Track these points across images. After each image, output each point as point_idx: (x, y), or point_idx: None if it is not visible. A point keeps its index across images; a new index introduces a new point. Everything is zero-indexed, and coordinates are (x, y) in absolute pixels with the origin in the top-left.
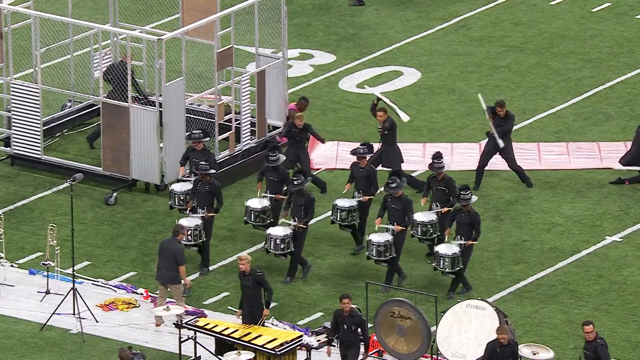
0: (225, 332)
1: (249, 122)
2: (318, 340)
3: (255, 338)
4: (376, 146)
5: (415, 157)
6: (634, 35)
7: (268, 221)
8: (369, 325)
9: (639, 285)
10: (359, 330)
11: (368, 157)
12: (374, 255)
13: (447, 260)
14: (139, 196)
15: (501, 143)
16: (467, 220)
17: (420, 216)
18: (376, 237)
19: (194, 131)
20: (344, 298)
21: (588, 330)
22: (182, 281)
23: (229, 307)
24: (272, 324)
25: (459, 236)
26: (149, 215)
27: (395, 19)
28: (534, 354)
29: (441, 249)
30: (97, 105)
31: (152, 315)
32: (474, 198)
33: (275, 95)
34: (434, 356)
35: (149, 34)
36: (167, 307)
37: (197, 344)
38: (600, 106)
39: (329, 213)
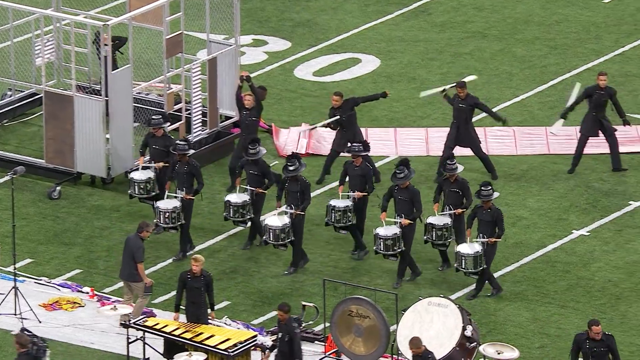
0: (176, 333)
1: (200, 112)
2: (273, 340)
3: (207, 338)
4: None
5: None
6: (601, 20)
7: (248, 216)
8: (327, 324)
9: (607, 281)
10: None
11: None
12: (382, 249)
13: (468, 259)
14: (84, 190)
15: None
16: (489, 217)
17: (433, 219)
18: (383, 231)
19: (153, 117)
20: (279, 310)
21: (597, 330)
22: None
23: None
24: (225, 323)
25: (480, 235)
26: (95, 210)
27: (353, 4)
28: (499, 353)
29: (463, 248)
30: (39, 94)
31: (98, 314)
32: (496, 194)
33: (228, 84)
34: (394, 356)
35: (94, 20)
36: (114, 306)
37: (145, 345)
38: (566, 94)
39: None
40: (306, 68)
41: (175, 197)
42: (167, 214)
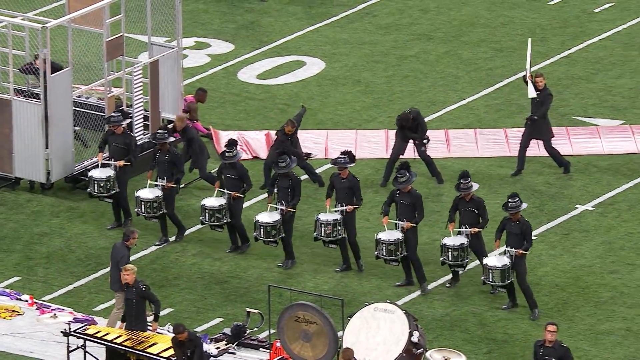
0: (118, 341)
1: (142, 116)
2: (217, 348)
3: (149, 346)
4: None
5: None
6: (546, 22)
7: (224, 220)
8: (273, 330)
9: (554, 285)
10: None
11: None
12: (384, 254)
13: (496, 272)
14: (23, 195)
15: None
16: (517, 229)
17: (449, 240)
18: (386, 235)
19: (112, 114)
20: (175, 330)
21: (551, 329)
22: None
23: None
24: (168, 331)
25: (508, 247)
26: (34, 216)
27: (297, 6)
28: (445, 359)
29: (491, 261)
30: None
31: (37, 323)
32: (524, 205)
33: (170, 87)
34: None
35: (32, 22)
36: (55, 314)
37: (87, 354)
38: (513, 97)
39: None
40: (250, 71)
41: (157, 185)
42: (149, 203)
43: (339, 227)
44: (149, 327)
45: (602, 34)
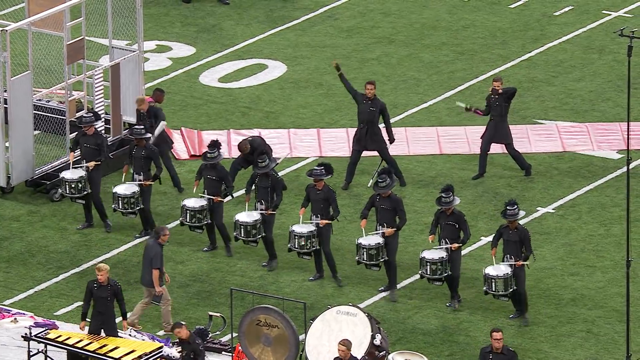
0: (79, 345)
1: (103, 119)
2: (179, 352)
3: (111, 350)
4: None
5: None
6: (507, 26)
7: (205, 221)
8: (235, 334)
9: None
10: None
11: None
12: (365, 259)
13: (499, 282)
14: None
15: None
16: (515, 237)
17: (428, 254)
18: (366, 240)
19: (84, 114)
20: (174, 327)
21: (497, 337)
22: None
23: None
24: (129, 334)
25: (507, 256)
26: None
27: (258, 9)
28: None
29: (490, 270)
30: None
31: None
32: (522, 213)
33: (132, 90)
34: None
35: None
36: (15, 318)
37: (48, 358)
38: (474, 100)
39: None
40: (211, 74)
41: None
42: (126, 199)
43: (313, 239)
44: (119, 329)
45: (562, 37)
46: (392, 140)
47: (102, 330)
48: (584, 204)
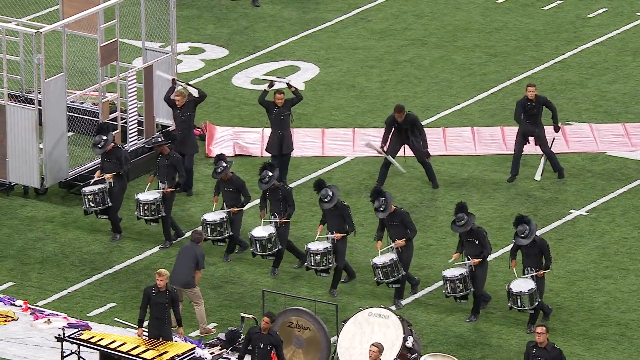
0: (112, 346)
1: (136, 121)
2: (212, 353)
3: (143, 352)
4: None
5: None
6: (540, 27)
7: (226, 234)
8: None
9: (548, 290)
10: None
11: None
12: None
13: (524, 298)
14: (17, 201)
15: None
16: (535, 250)
17: (448, 273)
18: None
19: (97, 143)
20: (266, 316)
21: (539, 331)
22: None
23: (116, 319)
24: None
25: (528, 268)
26: (28, 221)
27: (291, 11)
28: None
29: (516, 286)
30: None
31: (31, 328)
32: (534, 228)
33: (164, 92)
34: None
35: (26, 27)
36: (49, 319)
37: (80, 359)
38: (507, 102)
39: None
40: (244, 76)
41: (158, 190)
42: (147, 205)
43: (330, 256)
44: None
45: (596, 39)
46: (427, 154)
47: (161, 337)
48: (617, 206)
